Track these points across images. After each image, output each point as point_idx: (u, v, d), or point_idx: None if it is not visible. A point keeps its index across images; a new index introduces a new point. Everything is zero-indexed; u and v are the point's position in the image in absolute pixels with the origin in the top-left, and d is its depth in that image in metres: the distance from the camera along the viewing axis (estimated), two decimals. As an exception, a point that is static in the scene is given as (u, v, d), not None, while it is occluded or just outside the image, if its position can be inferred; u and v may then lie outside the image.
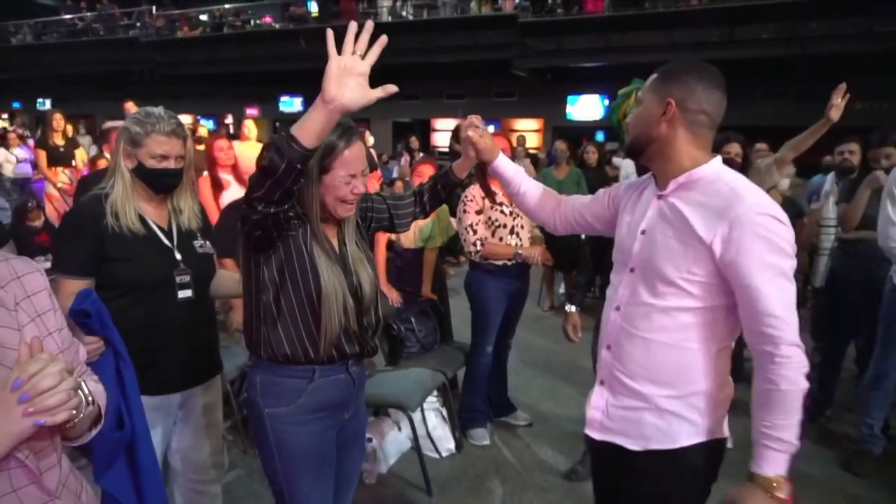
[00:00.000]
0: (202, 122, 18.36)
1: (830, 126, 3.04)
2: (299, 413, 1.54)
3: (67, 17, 18.99)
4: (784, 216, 1.29)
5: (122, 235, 1.69)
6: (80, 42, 17.80)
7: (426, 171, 3.36)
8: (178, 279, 1.77)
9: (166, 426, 1.85)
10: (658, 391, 1.38)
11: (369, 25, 1.17)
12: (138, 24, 17.06)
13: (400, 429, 3.14)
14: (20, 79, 19.19)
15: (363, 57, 1.17)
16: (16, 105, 20.30)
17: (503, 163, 1.75)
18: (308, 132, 1.19)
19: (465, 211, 3.04)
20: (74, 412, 0.85)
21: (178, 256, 1.79)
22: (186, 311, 1.80)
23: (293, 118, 18.06)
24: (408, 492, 2.81)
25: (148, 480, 1.41)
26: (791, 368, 1.23)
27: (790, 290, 1.26)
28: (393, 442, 3.08)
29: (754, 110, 11.60)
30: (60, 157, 6.03)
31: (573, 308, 2.78)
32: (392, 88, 1.22)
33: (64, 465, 0.98)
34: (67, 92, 18.87)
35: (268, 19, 16.44)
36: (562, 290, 6.08)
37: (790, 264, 1.27)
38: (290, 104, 18.04)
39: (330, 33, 1.16)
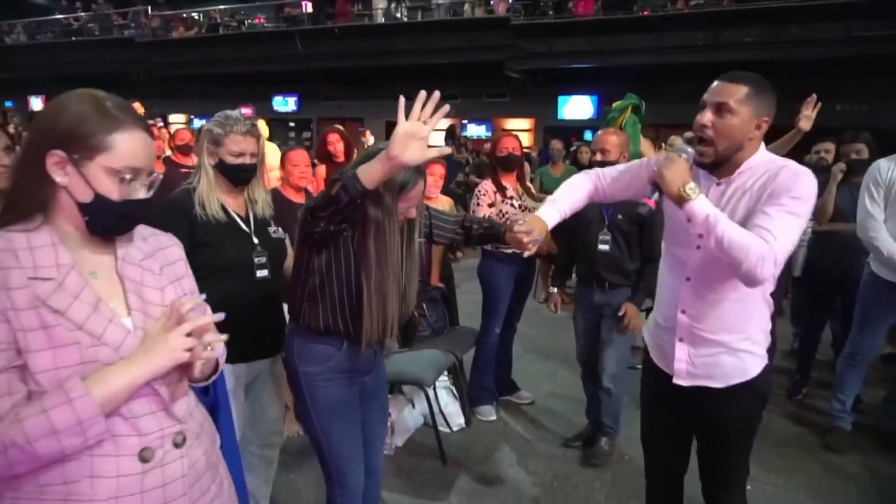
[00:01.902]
0: (196, 121, 18.54)
1: (814, 127, 3.32)
2: (328, 372, 1.82)
3: (62, 17, 19.00)
4: (812, 175, 1.57)
5: (208, 223, 1.94)
6: (75, 42, 17.84)
7: (436, 171, 3.62)
8: (256, 260, 2.02)
9: (238, 393, 2.08)
10: (731, 337, 1.71)
11: (436, 95, 1.38)
12: (133, 25, 17.14)
13: (414, 406, 3.41)
14: (14, 78, 19.14)
15: (426, 122, 1.38)
16: (8, 104, 20.26)
17: (552, 220, 1.89)
18: (370, 178, 1.44)
19: (478, 204, 3.32)
20: (207, 356, 1.09)
21: (256, 241, 2.04)
22: (262, 290, 2.03)
23: (287, 118, 18.14)
24: (424, 461, 3.08)
25: (225, 440, 1.65)
26: (762, 258, 1.47)
27: (795, 229, 1.53)
28: (408, 417, 3.35)
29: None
30: None
31: (555, 289, 3.34)
32: (446, 150, 1.52)
33: (190, 400, 1.20)
34: (61, 91, 18.84)
35: (260, 19, 16.60)
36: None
37: (800, 209, 1.53)
38: (284, 104, 18.17)
39: (401, 101, 1.38)
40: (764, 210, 1.55)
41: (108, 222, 1.07)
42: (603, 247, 2.95)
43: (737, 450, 1.84)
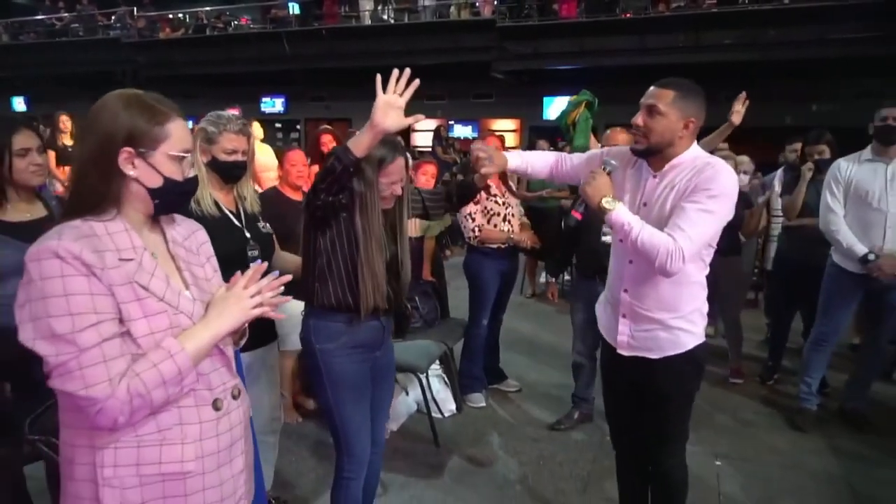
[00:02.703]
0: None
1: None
2: (342, 348, 1.99)
3: (45, 17, 18.87)
4: (733, 173, 1.82)
5: (203, 218, 2.05)
6: (60, 42, 17.75)
7: (429, 170, 3.81)
8: (249, 253, 2.15)
9: None
10: (667, 315, 1.92)
11: (407, 72, 1.64)
12: (118, 25, 17.10)
13: (407, 393, 3.58)
14: (-4, 78, 19.04)
15: (401, 95, 1.64)
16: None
17: (512, 161, 2.22)
18: (360, 146, 1.69)
19: (464, 202, 3.50)
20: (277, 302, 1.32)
21: (248, 235, 2.18)
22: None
23: (275, 119, 18.17)
24: (418, 444, 3.26)
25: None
26: (669, 255, 1.72)
27: (708, 224, 1.76)
28: (402, 404, 3.53)
29: (719, 111, 12.23)
30: (69, 157, 6.30)
31: (553, 279, 3.58)
32: (420, 117, 1.74)
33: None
34: (44, 92, 18.74)
35: (244, 20, 16.64)
36: (542, 279, 6.57)
37: (716, 206, 1.76)
38: (272, 104, 18.19)
39: (378, 78, 1.63)
40: (682, 206, 1.77)
41: (174, 200, 1.26)
42: (606, 239, 3.14)
43: (675, 415, 2.05)
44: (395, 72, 1.63)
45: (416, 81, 1.66)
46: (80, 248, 1.08)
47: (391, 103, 1.63)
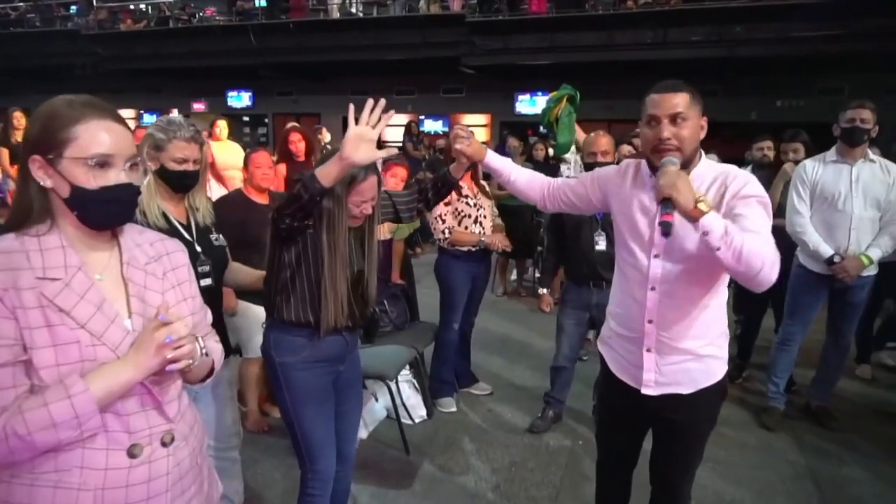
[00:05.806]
0: (146, 116, 18.06)
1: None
2: (304, 362, 1.94)
3: (-2, 7, 18.17)
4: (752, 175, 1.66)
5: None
6: (15, 33, 17.08)
7: (398, 173, 3.73)
8: (199, 269, 1.98)
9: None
10: (697, 344, 1.73)
11: (382, 102, 1.56)
12: (76, 17, 16.55)
13: (377, 399, 3.52)
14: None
15: (374, 127, 1.57)
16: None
17: (492, 158, 2.04)
18: (327, 176, 1.60)
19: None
20: (191, 361, 1.13)
21: (199, 249, 2.04)
22: (207, 298, 2.08)
23: (241, 113, 17.82)
24: (388, 452, 3.19)
25: None
26: (773, 262, 1.47)
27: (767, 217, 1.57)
28: (371, 411, 3.46)
29: (689, 107, 12.48)
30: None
31: (545, 290, 3.51)
32: (393, 151, 1.64)
33: (183, 401, 1.25)
34: None
35: (210, 11, 16.25)
36: (513, 276, 6.56)
37: (769, 212, 1.57)
38: (239, 99, 17.84)
39: (351, 108, 1.56)
40: (743, 213, 1.55)
41: (96, 210, 1.10)
42: (600, 247, 3.13)
43: (699, 442, 1.90)
44: (370, 102, 1.56)
45: (391, 112, 1.58)
46: None
47: (363, 136, 1.55)
